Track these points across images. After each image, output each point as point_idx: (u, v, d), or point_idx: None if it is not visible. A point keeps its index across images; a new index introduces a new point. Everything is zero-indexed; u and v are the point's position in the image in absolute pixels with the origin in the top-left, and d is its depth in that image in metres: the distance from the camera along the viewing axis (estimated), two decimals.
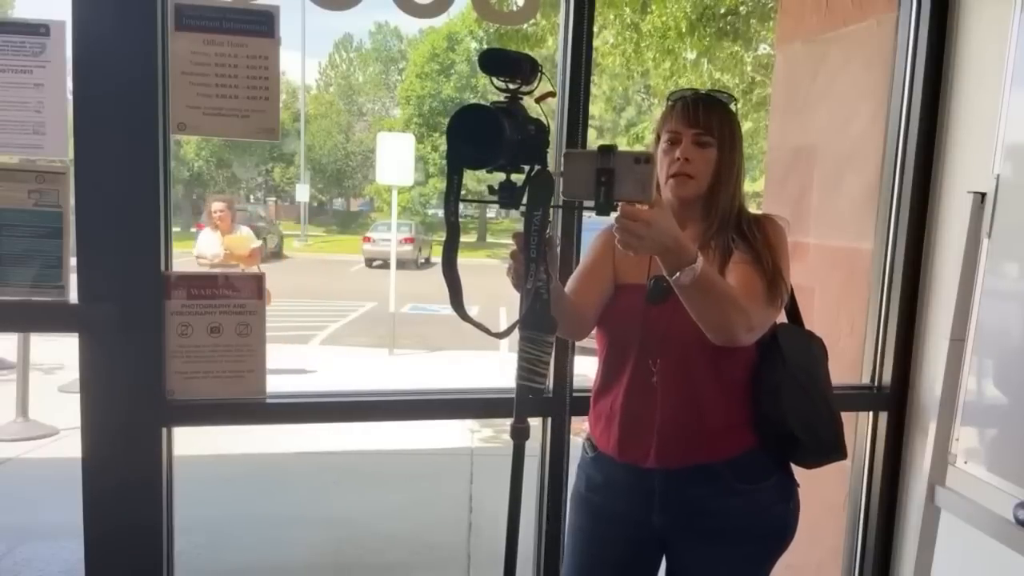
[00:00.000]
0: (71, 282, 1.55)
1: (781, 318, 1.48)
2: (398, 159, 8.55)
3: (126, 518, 1.61)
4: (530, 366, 1.15)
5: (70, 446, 2.92)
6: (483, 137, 1.07)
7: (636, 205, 1.10)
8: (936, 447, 1.70)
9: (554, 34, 5.93)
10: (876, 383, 2.04)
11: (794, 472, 1.50)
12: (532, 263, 1.13)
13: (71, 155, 1.52)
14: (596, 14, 1.73)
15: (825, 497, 2.14)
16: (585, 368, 1.76)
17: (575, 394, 1.79)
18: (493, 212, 26.30)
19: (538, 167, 1.14)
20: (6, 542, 3.45)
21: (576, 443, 1.65)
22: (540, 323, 1.15)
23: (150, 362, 1.58)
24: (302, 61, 27.53)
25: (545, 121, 1.17)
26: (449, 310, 1.16)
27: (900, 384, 2.01)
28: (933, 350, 1.93)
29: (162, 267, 1.58)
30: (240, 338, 1.63)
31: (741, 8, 6.81)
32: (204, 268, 5.44)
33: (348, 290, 13.46)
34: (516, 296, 1.17)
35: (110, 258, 1.54)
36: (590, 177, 1.08)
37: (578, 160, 1.11)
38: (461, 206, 1.13)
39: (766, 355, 1.43)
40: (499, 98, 1.13)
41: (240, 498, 4.15)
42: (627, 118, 23.30)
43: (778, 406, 1.41)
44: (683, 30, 6.70)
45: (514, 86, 1.13)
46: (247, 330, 1.64)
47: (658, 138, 1.46)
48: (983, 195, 1.66)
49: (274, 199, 31.51)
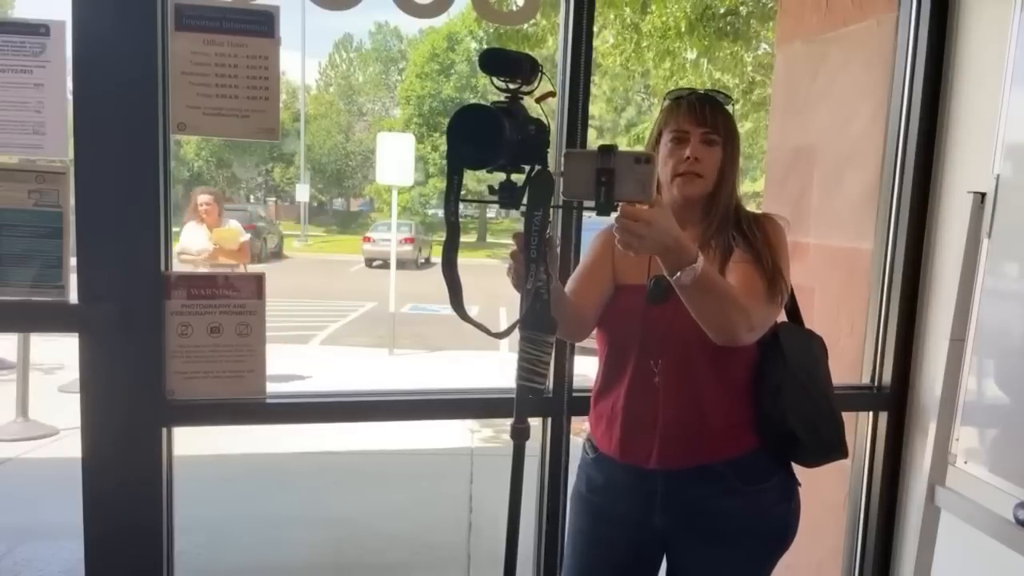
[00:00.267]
0: (71, 282, 1.55)
1: (781, 317, 1.48)
2: (398, 159, 8.54)
3: (126, 518, 1.61)
4: (530, 366, 1.15)
5: (70, 446, 2.92)
6: (483, 137, 1.07)
7: (636, 205, 1.10)
8: (936, 447, 1.70)
9: (554, 34, 5.93)
10: (876, 383, 2.04)
11: (795, 472, 1.50)
12: (532, 263, 1.13)
13: (71, 155, 1.52)
14: (596, 14, 1.73)
15: (825, 497, 2.14)
16: (585, 368, 1.76)
17: (575, 394, 1.79)
18: (493, 212, 26.31)
19: (538, 167, 1.14)
20: (6, 542, 3.45)
21: (576, 443, 1.65)
22: (540, 323, 1.15)
23: (150, 362, 1.58)
24: (302, 61, 27.59)
25: (545, 121, 1.17)
26: (449, 310, 1.16)
27: (900, 384, 2.01)
28: (933, 350, 1.92)
29: (162, 267, 1.58)
30: (240, 338, 1.63)
31: (741, 8, 6.81)
32: (187, 265, 5.08)
33: (348, 290, 13.45)
34: (516, 296, 1.17)
35: (110, 258, 1.54)
36: (590, 177, 1.08)
37: (578, 160, 1.10)
38: (461, 206, 1.13)
39: (767, 355, 1.43)
40: (499, 98, 1.13)
41: (240, 498, 4.14)
42: (627, 118, 23.32)
43: (779, 405, 1.41)
44: (683, 30, 6.70)
45: (514, 86, 1.13)
46: (247, 330, 1.64)
47: (658, 137, 1.45)
48: (983, 195, 1.66)
49: (274, 199, 31.52)
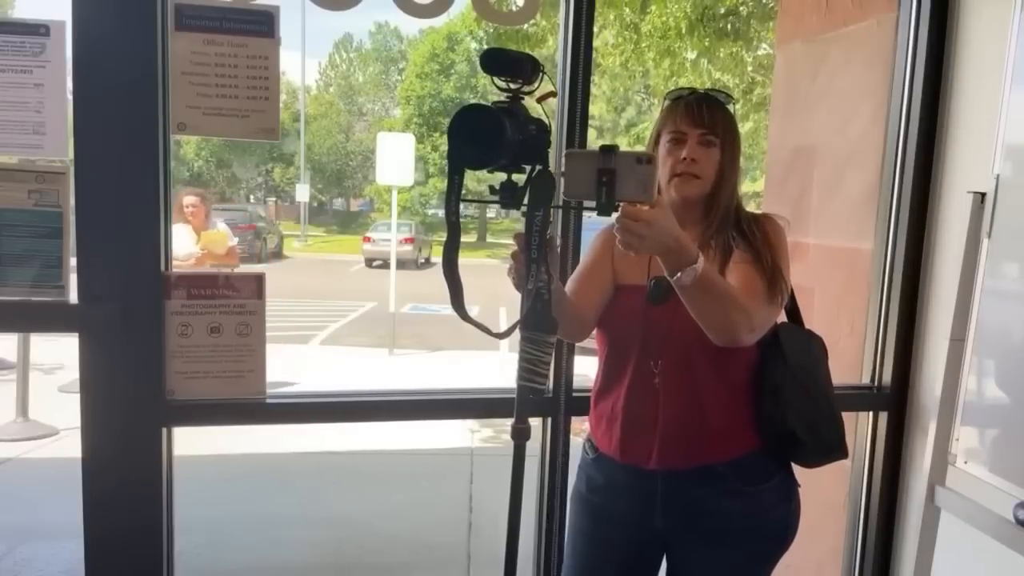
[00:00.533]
0: (71, 282, 1.55)
1: (781, 317, 1.48)
2: (398, 159, 8.54)
3: (126, 518, 1.61)
4: (531, 367, 1.15)
5: (70, 446, 2.92)
6: (484, 137, 1.07)
7: (637, 205, 1.10)
8: (936, 447, 1.70)
9: (554, 34, 5.93)
10: (876, 383, 2.04)
11: (794, 472, 1.50)
12: (533, 263, 1.13)
13: (71, 155, 1.52)
14: (596, 14, 1.73)
15: (825, 497, 2.14)
16: (585, 368, 1.76)
17: (575, 394, 1.79)
18: (493, 212, 26.31)
19: (539, 167, 1.14)
20: (6, 542, 3.45)
21: (576, 443, 1.65)
22: (541, 324, 1.15)
23: (150, 362, 1.58)
24: (302, 61, 27.59)
25: (546, 121, 1.17)
26: (449, 310, 1.16)
27: (900, 384, 2.01)
28: (933, 350, 1.92)
29: (162, 267, 1.58)
30: (240, 338, 1.63)
31: (741, 8, 6.81)
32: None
33: (348, 290, 13.45)
34: (516, 296, 1.17)
35: (110, 258, 1.54)
36: (591, 177, 1.08)
37: (579, 160, 1.10)
38: (462, 206, 1.13)
39: (767, 355, 1.43)
40: (500, 98, 1.13)
41: (240, 498, 4.14)
42: (627, 118, 23.31)
43: (779, 406, 1.40)
44: (683, 30, 6.69)
45: (515, 86, 1.13)
46: (247, 330, 1.64)
47: (657, 138, 1.45)
48: (983, 195, 1.66)
49: (274, 199, 31.50)
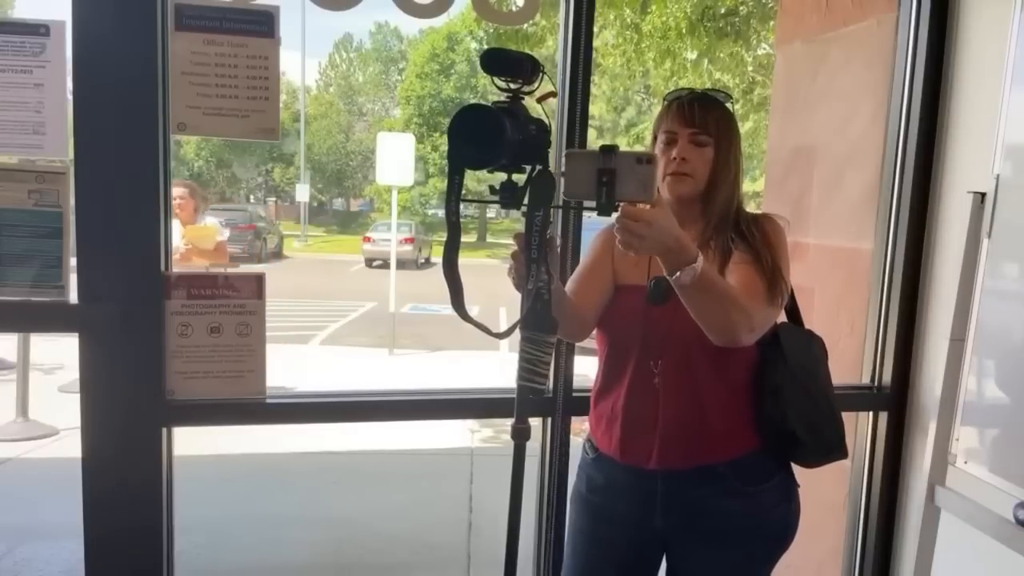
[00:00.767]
0: (71, 282, 1.55)
1: (781, 318, 1.48)
2: (398, 159, 8.54)
3: (126, 518, 1.61)
4: (531, 367, 1.15)
5: (70, 446, 2.92)
6: (484, 137, 1.07)
7: (637, 205, 1.10)
8: (936, 447, 1.70)
9: (554, 34, 5.93)
10: (876, 383, 2.04)
11: (794, 472, 1.50)
12: (533, 263, 1.13)
13: (71, 155, 1.52)
14: (596, 14, 1.73)
15: (825, 497, 2.14)
16: (585, 368, 1.76)
17: (575, 394, 1.79)
18: (493, 212, 26.32)
19: (539, 167, 1.14)
20: (6, 542, 3.44)
21: (576, 443, 1.65)
22: (541, 324, 1.15)
23: (150, 362, 1.58)
24: (302, 61, 27.60)
25: (546, 121, 1.17)
26: (449, 310, 1.16)
27: (900, 384, 2.01)
28: (933, 350, 1.92)
29: (162, 267, 1.58)
30: (240, 338, 1.63)
31: (741, 8, 6.81)
32: None
33: (348, 290, 13.45)
34: (516, 296, 1.17)
35: (110, 258, 1.54)
36: (591, 177, 1.08)
37: (579, 160, 1.10)
38: (462, 206, 1.13)
39: (767, 355, 1.43)
40: (500, 98, 1.13)
41: (240, 498, 4.14)
42: (627, 118, 23.32)
43: (779, 406, 1.40)
44: (683, 30, 6.70)
45: (515, 86, 1.13)
46: (247, 330, 1.64)
47: (655, 138, 1.46)
48: (983, 195, 1.66)
49: (274, 199, 31.52)
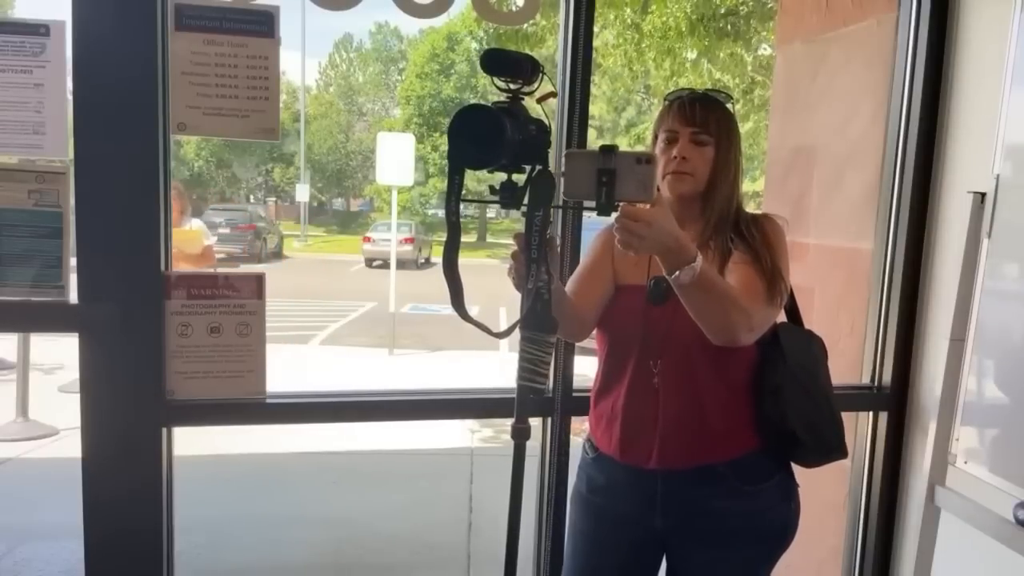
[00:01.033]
0: (71, 282, 1.55)
1: (781, 317, 1.48)
2: (398, 159, 8.54)
3: (126, 518, 1.61)
4: (531, 366, 1.15)
5: (70, 446, 2.92)
6: (484, 137, 1.07)
7: (637, 205, 1.10)
8: (936, 447, 1.70)
9: (554, 34, 5.93)
10: (876, 383, 2.04)
11: (794, 472, 1.50)
12: (533, 263, 1.13)
13: (71, 155, 1.52)
14: (596, 14, 1.73)
15: (825, 497, 2.14)
16: (585, 368, 1.76)
17: (575, 394, 1.79)
18: (493, 212, 26.31)
19: (539, 167, 1.14)
20: (6, 542, 3.44)
21: (576, 443, 1.65)
22: (541, 323, 1.15)
23: (150, 362, 1.58)
24: (302, 61, 27.59)
25: (546, 121, 1.17)
26: (449, 310, 1.16)
27: (900, 384, 2.01)
28: (933, 350, 1.92)
29: (162, 267, 1.58)
30: (240, 338, 1.63)
31: (741, 8, 6.82)
32: None
33: (348, 290, 13.45)
34: (516, 296, 1.17)
35: (110, 258, 1.54)
36: (591, 177, 1.08)
37: (579, 160, 1.10)
38: (462, 206, 1.13)
39: (767, 355, 1.43)
40: (500, 98, 1.13)
41: (240, 498, 4.14)
42: (627, 118, 23.32)
43: (779, 406, 1.40)
44: (683, 30, 6.71)
45: (515, 86, 1.13)
46: (247, 330, 1.64)
47: (655, 138, 1.46)
48: (983, 195, 1.66)
49: (274, 199, 31.51)
